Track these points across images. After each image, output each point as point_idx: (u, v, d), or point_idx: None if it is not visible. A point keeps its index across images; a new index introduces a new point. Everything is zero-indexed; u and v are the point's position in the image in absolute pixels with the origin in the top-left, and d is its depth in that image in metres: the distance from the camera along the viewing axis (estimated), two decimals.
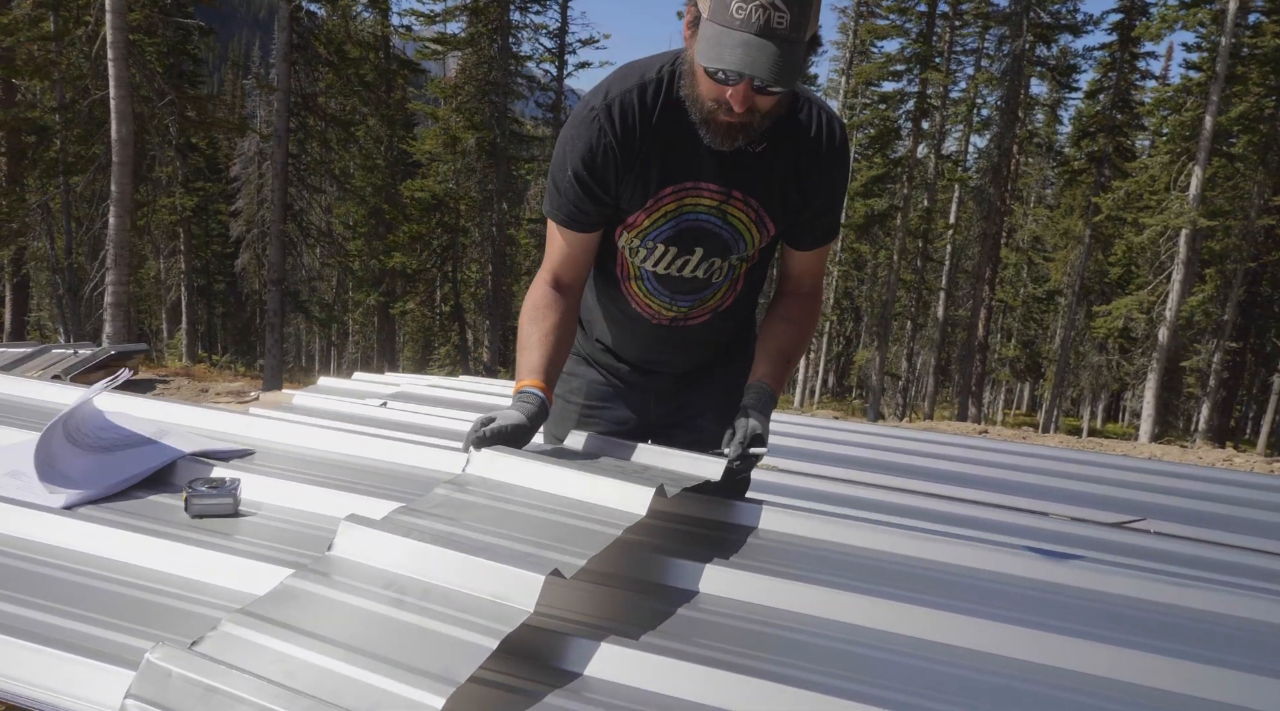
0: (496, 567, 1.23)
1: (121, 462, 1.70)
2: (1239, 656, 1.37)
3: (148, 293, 31.99)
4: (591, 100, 1.79)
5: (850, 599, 1.44)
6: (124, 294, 12.89)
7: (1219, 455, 8.07)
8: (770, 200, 1.86)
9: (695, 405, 2.21)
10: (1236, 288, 24.64)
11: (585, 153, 1.78)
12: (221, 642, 1.07)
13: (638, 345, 2.14)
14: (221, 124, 22.62)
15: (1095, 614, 1.51)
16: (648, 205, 1.84)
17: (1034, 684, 1.27)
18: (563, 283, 1.94)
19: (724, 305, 2.06)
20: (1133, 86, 26.65)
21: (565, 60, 27.54)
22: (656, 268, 1.94)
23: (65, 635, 1.17)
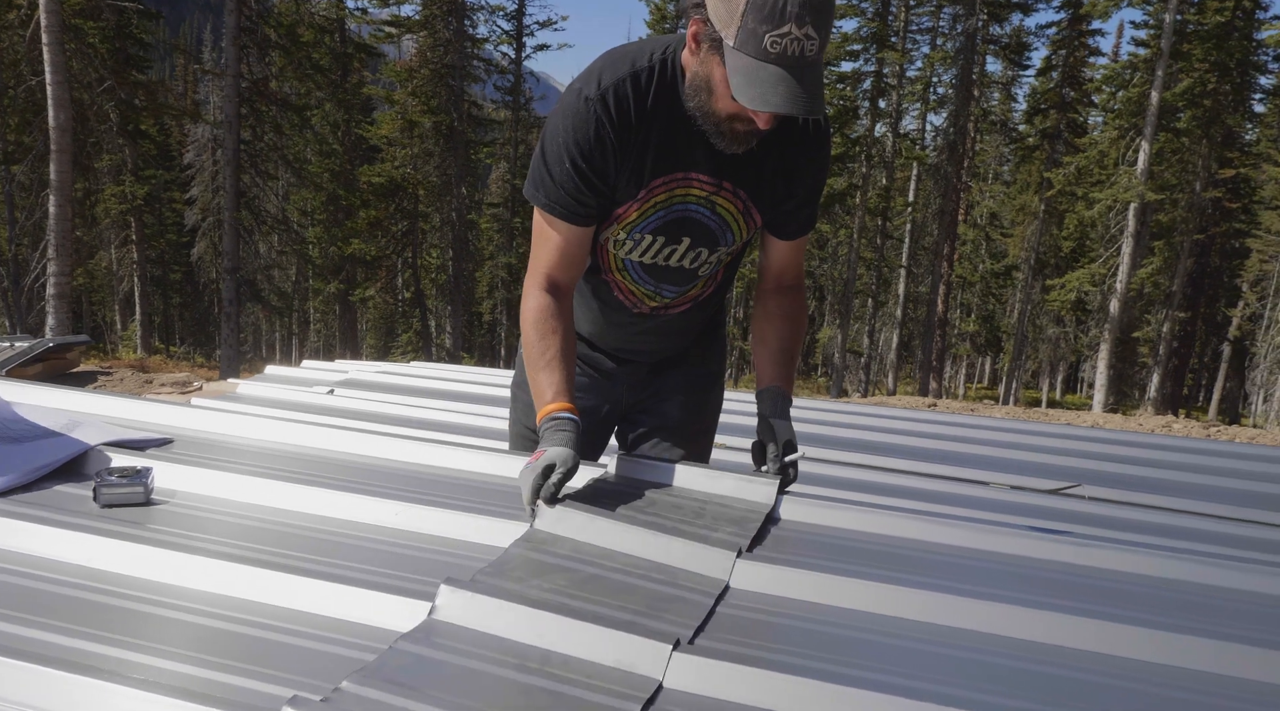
0: (617, 636, 1.23)
1: (30, 453, 1.68)
2: (1163, 616, 1.41)
3: (100, 284, 31.41)
4: (584, 88, 1.73)
5: (798, 574, 1.48)
6: (67, 285, 12.65)
7: (1159, 422, 8.23)
8: (759, 192, 1.87)
9: (665, 391, 2.22)
10: (1185, 259, 25.06)
11: (583, 142, 1.73)
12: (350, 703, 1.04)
13: (616, 334, 2.12)
14: (168, 109, 22.23)
15: (1029, 581, 1.56)
16: (639, 196, 1.81)
17: (971, 651, 1.32)
18: (559, 284, 1.87)
19: (704, 295, 2.07)
20: (1083, 64, 26.97)
21: (523, 43, 27.35)
22: (643, 258, 1.92)
23: None
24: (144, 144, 25.08)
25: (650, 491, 1.84)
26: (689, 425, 2.25)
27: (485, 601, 1.28)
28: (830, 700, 1.14)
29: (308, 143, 25.40)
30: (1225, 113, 24.12)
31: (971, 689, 1.19)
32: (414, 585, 1.35)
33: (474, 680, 1.14)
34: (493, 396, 4.70)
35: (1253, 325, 26.62)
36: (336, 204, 24.93)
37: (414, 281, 27.37)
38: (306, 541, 1.52)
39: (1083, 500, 3.42)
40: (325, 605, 1.30)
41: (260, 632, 1.23)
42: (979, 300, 33.10)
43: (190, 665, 1.12)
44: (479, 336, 35.52)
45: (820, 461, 3.69)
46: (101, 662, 1.11)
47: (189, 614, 1.27)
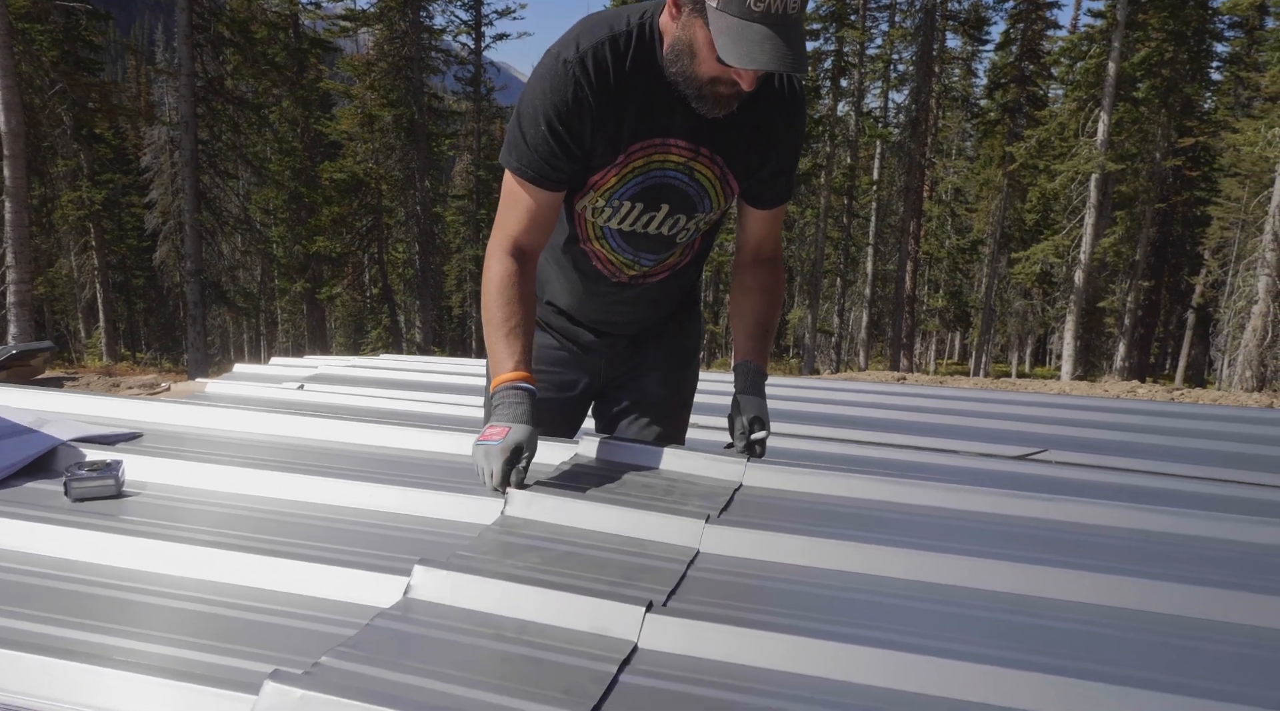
0: (592, 602, 1.25)
1: (1, 451, 1.68)
2: (1137, 566, 1.45)
3: (61, 293, 30.95)
4: (561, 52, 1.73)
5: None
6: (28, 292, 12.47)
7: (1124, 387, 8.36)
8: (736, 158, 1.87)
9: (644, 367, 2.24)
10: (1147, 228, 25.37)
11: (560, 104, 1.71)
12: (331, 675, 1.05)
13: (595, 305, 2.12)
14: (122, 111, 21.88)
15: (1001, 536, 1.60)
16: (617, 162, 1.81)
17: (946, 604, 1.35)
18: (524, 249, 1.85)
19: (681, 263, 2.08)
20: (1041, 37, 27.19)
21: (482, 32, 27.15)
22: (621, 225, 1.92)
23: None
24: (99, 148, 24.76)
25: (620, 472, 1.86)
26: (668, 400, 2.27)
27: (460, 578, 1.30)
28: (804, 652, 1.17)
29: (267, 141, 25.11)
30: (1183, 82, 24.39)
31: (947, 639, 1.22)
32: (390, 563, 1.36)
33: (453, 651, 1.15)
34: (464, 385, 4.70)
35: (1216, 292, 27.00)
36: (299, 202, 24.69)
37: (381, 277, 27.20)
38: (281, 525, 1.53)
39: (1050, 465, 3.47)
40: (302, 584, 1.31)
41: (238, 613, 1.24)
42: (946, 276, 33.36)
43: (171, 646, 1.13)
44: (449, 330, 35.36)
45: (788, 436, 3.72)
46: (80, 647, 1.11)
47: (167, 598, 1.27)
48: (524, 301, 1.82)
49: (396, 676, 1.06)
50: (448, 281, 34.14)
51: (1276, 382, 15.81)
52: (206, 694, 1.02)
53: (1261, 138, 16.51)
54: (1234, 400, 8.91)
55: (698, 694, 1.10)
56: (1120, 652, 1.21)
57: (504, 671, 1.11)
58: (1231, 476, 3.41)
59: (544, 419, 1.80)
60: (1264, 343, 16.32)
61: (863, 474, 1.86)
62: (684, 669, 1.15)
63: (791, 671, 1.15)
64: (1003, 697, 1.09)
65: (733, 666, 1.16)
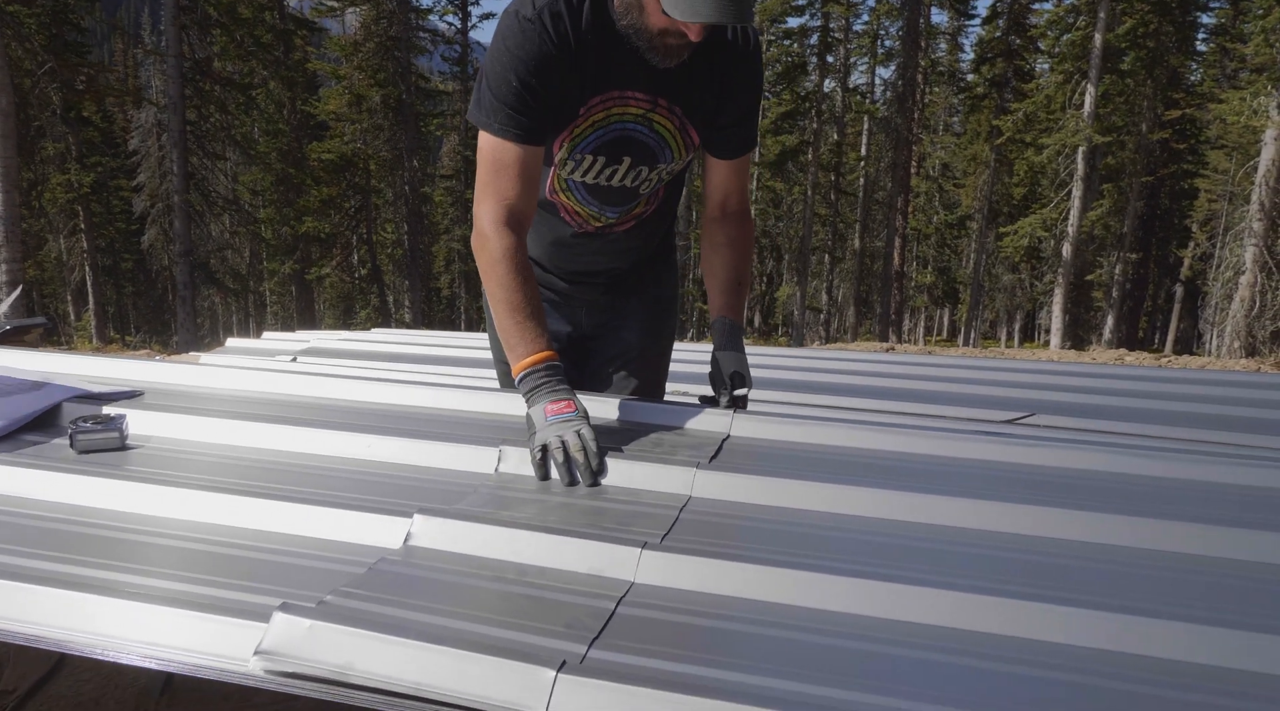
0: (589, 545, 1.28)
1: (3, 408, 1.71)
2: (1128, 505, 1.50)
3: (50, 276, 30.76)
4: (519, 9, 1.75)
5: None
6: (19, 272, 12.46)
7: (1112, 355, 8.42)
8: (692, 107, 1.91)
9: (622, 314, 2.28)
10: (1134, 201, 25.43)
11: (529, 59, 1.74)
12: (338, 609, 1.08)
13: (565, 255, 2.17)
14: (111, 92, 21.74)
15: (988, 479, 1.64)
16: (580, 114, 1.84)
17: (934, 543, 1.40)
18: (517, 212, 1.82)
19: (647, 212, 2.12)
20: (1028, 10, 27.15)
21: (469, 12, 26.98)
22: (585, 178, 1.96)
23: None
24: (88, 131, 24.55)
25: (609, 427, 1.89)
26: (648, 350, 2.32)
27: (459, 525, 1.34)
28: (790, 583, 1.21)
29: (254, 122, 24.96)
30: (1169, 53, 24.39)
31: (934, 573, 1.26)
32: (392, 507, 1.40)
33: (456, 591, 1.19)
34: (458, 358, 4.72)
35: (1204, 265, 27.10)
36: (287, 182, 24.55)
37: (370, 257, 27.12)
38: (284, 473, 1.56)
39: (1037, 429, 3.51)
40: (307, 526, 1.35)
41: (245, 553, 1.28)
42: (935, 252, 33.41)
43: (182, 582, 1.17)
44: (438, 311, 35.30)
45: (772, 403, 3.75)
46: (95, 582, 1.15)
47: (175, 540, 1.31)
48: (531, 279, 1.81)
49: (402, 612, 1.10)
50: (436, 262, 34.06)
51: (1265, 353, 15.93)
52: (218, 621, 1.06)
53: (1247, 107, 16.55)
54: (1222, 367, 8.99)
55: (692, 622, 1.14)
56: (1107, 583, 1.26)
57: (506, 608, 1.15)
58: (1219, 438, 3.46)
59: None
60: (1252, 313, 16.44)
61: (848, 424, 1.90)
62: (678, 601, 1.20)
63: (779, 602, 1.20)
64: (980, 623, 1.14)
65: (724, 598, 1.21)
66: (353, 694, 0.99)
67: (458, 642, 1.01)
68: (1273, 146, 16.62)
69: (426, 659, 0.99)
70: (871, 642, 1.10)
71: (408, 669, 0.99)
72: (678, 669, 1.02)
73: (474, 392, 2.02)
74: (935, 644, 1.10)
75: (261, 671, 1.01)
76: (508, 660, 0.98)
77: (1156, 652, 1.08)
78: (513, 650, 1.00)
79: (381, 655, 1.00)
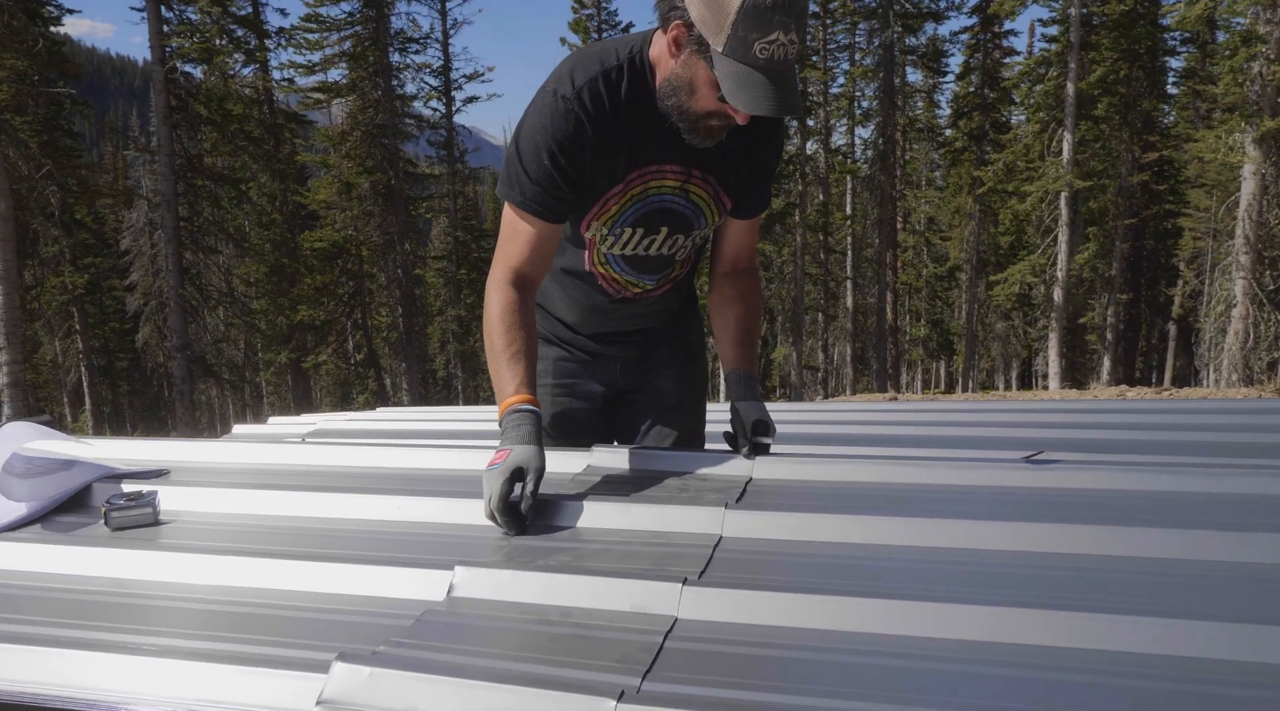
0: (630, 584, 1.31)
1: (35, 488, 1.73)
2: (1144, 518, 1.51)
3: (45, 379, 30.81)
4: (558, 88, 1.78)
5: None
6: (20, 373, 12.53)
7: (1114, 392, 8.46)
8: (725, 176, 1.96)
9: (657, 367, 2.31)
10: (1120, 243, 25.71)
11: (563, 139, 1.77)
12: (394, 657, 1.10)
13: (600, 319, 2.20)
14: (105, 192, 22.08)
15: (1012, 504, 1.65)
16: (616, 190, 1.88)
17: (964, 565, 1.42)
18: (525, 279, 1.88)
19: (681, 275, 2.18)
20: (999, 65, 27.81)
21: (453, 97, 27.54)
22: (624, 251, 2.00)
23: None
24: (81, 233, 24.83)
25: (632, 475, 1.92)
26: (686, 397, 2.34)
27: (501, 574, 1.36)
28: (833, 610, 1.23)
29: (246, 215, 25.27)
30: (1141, 98, 24.90)
31: (966, 592, 1.28)
32: (430, 562, 1.42)
33: (504, 635, 1.22)
34: (467, 430, 4.72)
35: (1194, 303, 27.31)
36: (281, 272, 24.77)
37: (366, 342, 27.24)
38: (318, 537, 1.58)
39: (1048, 464, 3.52)
40: (348, 585, 1.38)
41: (290, 613, 1.30)
42: (927, 305, 33.64)
43: (230, 643, 1.19)
44: (435, 391, 35.31)
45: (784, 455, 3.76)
46: (147, 647, 1.16)
47: (219, 605, 1.33)
48: (525, 327, 1.85)
49: (456, 658, 1.12)
50: (431, 343, 34.17)
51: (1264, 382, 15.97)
52: (274, 675, 1.08)
53: (1223, 144, 16.86)
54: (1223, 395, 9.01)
55: (738, 652, 1.16)
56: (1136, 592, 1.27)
57: (556, 648, 1.17)
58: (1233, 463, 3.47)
59: (575, 430, 1.85)
60: (1247, 345, 16.52)
61: (866, 460, 1.92)
62: (722, 632, 1.21)
63: (820, 627, 1.22)
64: (1016, 635, 1.16)
65: (766, 627, 1.23)
66: None
67: (517, 680, 1.02)
68: (1252, 181, 16.89)
69: (489, 697, 1.00)
70: (911, 660, 1.12)
71: (472, 708, 1.00)
72: (731, 695, 1.03)
73: (490, 452, 2.04)
74: (975, 657, 1.12)
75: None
76: (569, 692, 0.99)
77: (1191, 653, 1.10)
78: (571, 684, 1.02)
79: (444, 697, 1.01)
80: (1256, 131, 16.27)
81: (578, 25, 27.54)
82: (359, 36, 24.62)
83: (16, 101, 18.11)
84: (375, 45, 24.57)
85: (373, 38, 24.57)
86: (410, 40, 25.97)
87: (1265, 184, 16.83)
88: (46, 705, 1.10)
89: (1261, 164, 16.68)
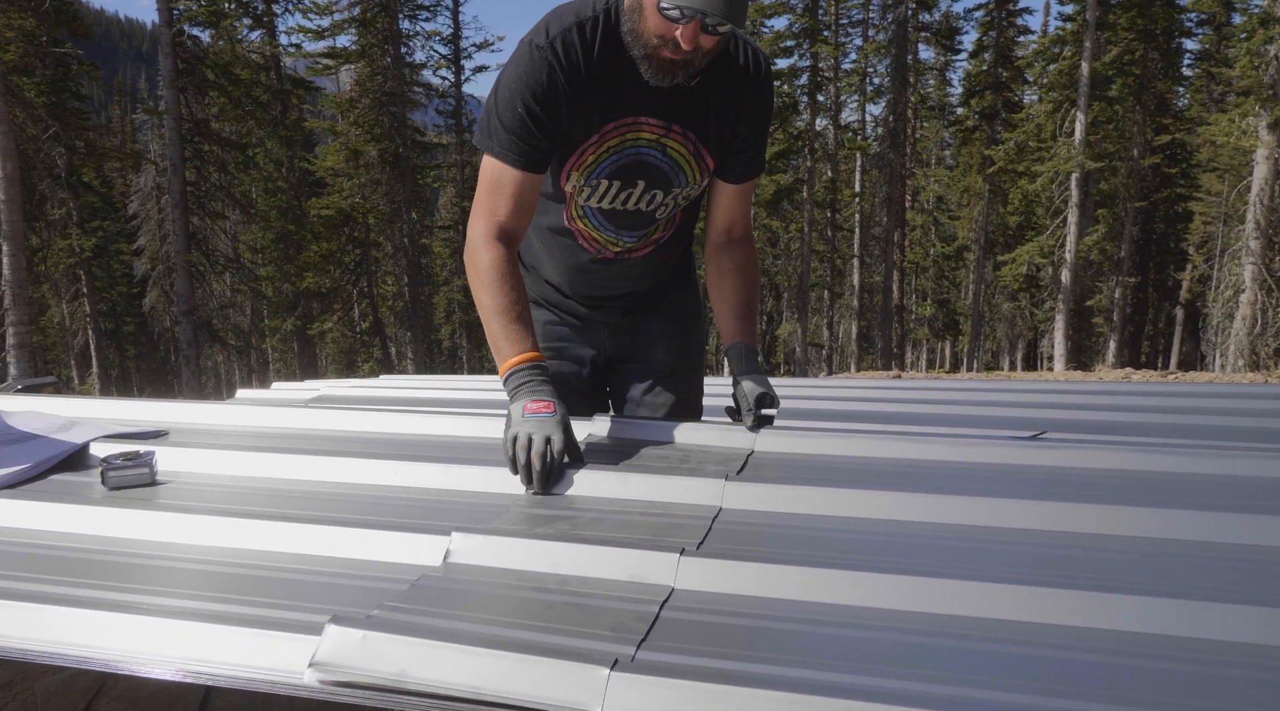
0: (628, 553, 1.30)
1: (32, 450, 1.72)
2: (1148, 498, 1.50)
3: (53, 342, 30.90)
4: (534, 38, 1.79)
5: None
6: (27, 335, 12.55)
7: (1119, 374, 8.43)
8: (706, 133, 1.94)
9: (647, 336, 2.30)
10: (1130, 226, 25.58)
11: (536, 87, 1.78)
12: (388, 620, 1.09)
13: (584, 280, 2.19)
14: (113, 153, 22.00)
15: (1015, 481, 1.64)
16: (592, 140, 1.88)
17: (967, 542, 1.41)
18: (509, 232, 1.88)
19: (665, 237, 2.15)
20: (1013, 43, 27.54)
21: (462, 66, 27.38)
22: (601, 203, 1.99)
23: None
24: (88, 196, 24.80)
25: (635, 446, 1.91)
26: (677, 367, 2.33)
27: (498, 540, 1.35)
28: (831, 583, 1.22)
29: (253, 181, 25.22)
30: (1156, 79, 24.69)
31: (964, 567, 1.27)
32: (428, 527, 1.41)
33: (501, 601, 1.21)
34: (469, 400, 4.72)
35: (1202, 287, 27.18)
36: (287, 240, 24.73)
37: (371, 310, 27.23)
38: (315, 500, 1.57)
39: (1051, 443, 3.51)
40: (344, 548, 1.37)
41: (285, 575, 1.29)
42: (933, 284, 33.53)
43: (223, 603, 1.18)
44: (440, 361, 35.36)
45: (786, 429, 3.76)
46: (143, 606, 1.16)
47: (214, 565, 1.32)
48: (518, 286, 1.86)
49: (450, 623, 1.11)
50: (437, 313, 34.18)
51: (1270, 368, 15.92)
52: (267, 636, 1.07)
53: (1236, 128, 16.71)
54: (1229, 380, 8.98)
55: (734, 623, 1.15)
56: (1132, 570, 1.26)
57: (551, 615, 1.16)
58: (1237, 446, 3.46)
59: (565, 394, 1.84)
60: (1254, 331, 16.46)
61: (868, 435, 1.91)
62: (719, 603, 1.20)
63: (817, 600, 1.21)
64: (1013, 612, 1.15)
65: (762, 599, 1.22)
66: (408, 700, 1.00)
67: (510, 647, 1.01)
68: (1264, 166, 16.76)
69: (480, 663, 1.00)
70: (909, 635, 1.11)
71: (462, 674, 0.99)
72: (726, 665, 1.02)
73: (494, 419, 2.03)
74: (975, 633, 1.11)
75: (316, 682, 1.01)
76: (562, 660, 0.98)
77: (1191, 633, 1.09)
78: (565, 651, 1.01)
79: (436, 662, 1.00)
80: (1270, 115, 16.13)
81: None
82: (368, 2, 24.43)
83: (24, 62, 18.04)
84: (385, 11, 24.39)
85: (382, 4, 24.39)
86: (420, 7, 25.77)
87: (1278, 169, 16.69)
88: (39, 661, 1.10)
89: (1275, 149, 16.54)
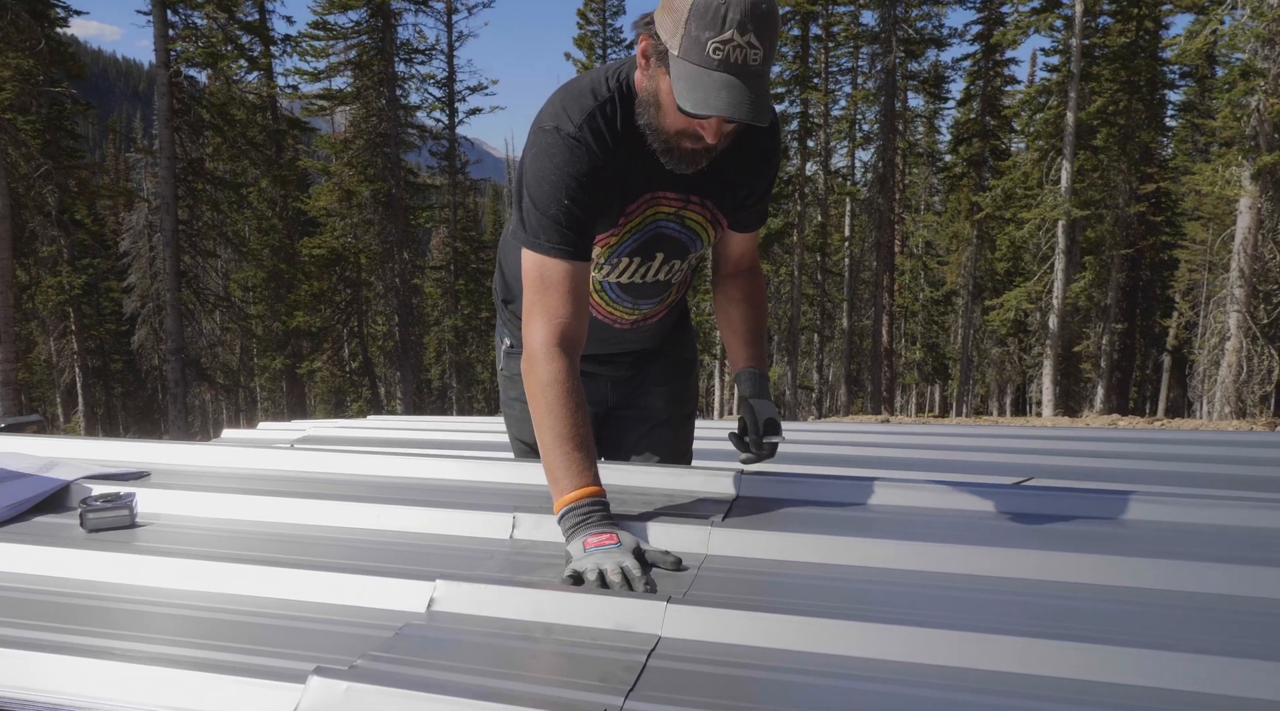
0: (614, 601, 1.28)
1: (10, 491, 1.70)
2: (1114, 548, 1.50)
3: (39, 379, 30.74)
4: (560, 126, 1.70)
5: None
6: (13, 372, 12.48)
7: (1106, 420, 8.45)
8: (723, 199, 1.91)
9: (647, 384, 2.29)
10: (1116, 273, 25.78)
11: (579, 176, 1.68)
12: (372, 671, 1.08)
13: (596, 344, 2.12)
14: (104, 193, 22.05)
15: (992, 530, 1.64)
16: (619, 222, 1.82)
17: (936, 589, 1.40)
18: (571, 336, 1.72)
19: (676, 298, 2.15)
20: (1000, 92, 27.94)
21: (456, 108, 27.61)
22: (620, 279, 1.95)
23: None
24: (80, 233, 24.78)
25: (619, 492, 1.88)
26: (675, 413, 2.32)
27: (482, 588, 1.34)
28: (816, 632, 1.22)
29: (246, 219, 25.27)
30: (1140, 129, 25.02)
31: (949, 617, 1.26)
32: (411, 573, 1.40)
33: (485, 651, 1.19)
34: (457, 441, 4.71)
35: (1189, 334, 27.35)
36: (279, 278, 24.75)
37: (361, 350, 27.19)
38: (297, 544, 1.56)
39: (1037, 490, 3.51)
40: (327, 594, 1.35)
41: (267, 621, 1.28)
42: (922, 329, 33.68)
43: (205, 650, 1.16)
44: (430, 401, 35.26)
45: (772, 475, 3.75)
46: (115, 651, 1.14)
47: (194, 610, 1.31)
48: (582, 407, 1.68)
49: (436, 673, 1.09)
50: (427, 353, 34.16)
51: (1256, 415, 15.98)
52: (250, 684, 1.05)
53: (1220, 177, 16.91)
54: (1216, 427, 9.00)
55: (721, 672, 1.14)
56: (1118, 622, 1.26)
57: (538, 665, 1.15)
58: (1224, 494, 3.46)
59: None
60: (1240, 378, 16.53)
61: (853, 482, 1.91)
62: (706, 652, 1.20)
63: (803, 650, 1.20)
64: (996, 662, 1.14)
65: (749, 648, 1.21)
66: None
67: (496, 697, 1.00)
68: (1248, 215, 16.94)
69: None
70: (894, 685, 1.11)
71: None
72: None
73: (481, 463, 2.02)
74: (953, 683, 1.10)
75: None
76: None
77: (1175, 685, 1.08)
78: (552, 702, 1.00)
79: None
80: (1253, 165, 16.32)
81: (582, 41, 27.72)
82: (365, 46, 24.68)
83: (20, 101, 18.12)
84: (381, 55, 24.63)
85: (378, 47, 24.64)
86: (416, 51, 26.05)
87: (1261, 218, 16.89)
88: (11, 708, 1.08)
89: (1258, 198, 16.73)
